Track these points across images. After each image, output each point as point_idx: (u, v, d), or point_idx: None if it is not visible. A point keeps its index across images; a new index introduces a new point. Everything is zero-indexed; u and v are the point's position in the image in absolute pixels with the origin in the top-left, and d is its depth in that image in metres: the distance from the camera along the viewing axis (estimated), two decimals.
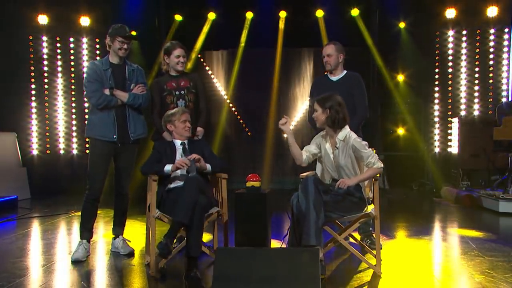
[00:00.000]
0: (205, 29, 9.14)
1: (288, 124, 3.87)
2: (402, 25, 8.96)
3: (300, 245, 3.47)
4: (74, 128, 9.02)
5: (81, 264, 4.03)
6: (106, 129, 4.19)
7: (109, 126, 4.19)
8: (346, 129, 3.75)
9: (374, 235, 4.30)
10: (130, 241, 4.52)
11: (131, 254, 4.36)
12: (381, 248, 3.98)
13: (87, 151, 8.65)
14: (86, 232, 4.25)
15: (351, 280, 3.62)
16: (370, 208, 3.76)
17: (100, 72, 4.20)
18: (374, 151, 4.16)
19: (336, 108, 3.73)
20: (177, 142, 4.02)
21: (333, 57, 4.50)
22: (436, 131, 8.99)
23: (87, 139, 4.38)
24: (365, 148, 3.69)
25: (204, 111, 4.50)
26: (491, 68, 8.65)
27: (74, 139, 9.03)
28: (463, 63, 8.78)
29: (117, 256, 4.30)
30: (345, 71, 4.61)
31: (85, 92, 4.27)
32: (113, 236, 4.47)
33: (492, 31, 8.59)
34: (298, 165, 3.96)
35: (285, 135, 4.00)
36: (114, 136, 4.21)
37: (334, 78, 4.59)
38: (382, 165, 3.67)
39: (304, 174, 3.71)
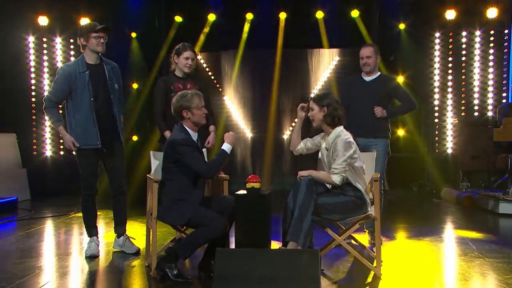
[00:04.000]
0: (205, 30, 9.14)
1: (304, 110, 3.90)
2: (402, 26, 8.96)
3: (283, 240, 3.51)
4: None
5: (81, 265, 4.03)
6: (89, 137, 4.14)
7: (92, 134, 4.14)
8: (337, 130, 3.73)
9: None
10: (135, 239, 4.52)
11: (137, 253, 4.35)
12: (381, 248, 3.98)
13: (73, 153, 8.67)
14: (93, 229, 4.31)
15: (351, 281, 3.63)
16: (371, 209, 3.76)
17: (74, 76, 4.10)
18: (375, 152, 4.18)
19: (334, 105, 3.72)
20: (194, 136, 3.72)
21: (373, 59, 4.59)
22: (436, 132, 8.99)
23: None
24: (343, 154, 3.59)
25: (212, 114, 4.54)
26: (491, 69, 8.65)
27: None
28: (463, 64, 8.78)
29: (117, 257, 4.30)
30: (379, 73, 4.70)
31: (47, 94, 4.21)
32: (116, 235, 4.46)
33: (492, 32, 8.59)
34: (291, 150, 4.03)
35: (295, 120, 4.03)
36: (98, 143, 4.17)
37: (368, 78, 4.66)
38: (338, 181, 3.59)
39: (302, 172, 3.71)
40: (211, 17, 9.12)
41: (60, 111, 4.28)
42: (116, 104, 4.26)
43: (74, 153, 4.25)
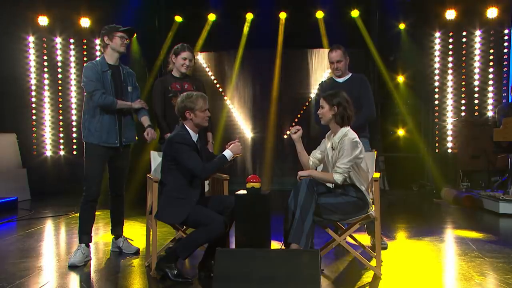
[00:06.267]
0: (205, 30, 9.15)
1: (298, 133, 3.87)
2: (402, 26, 8.97)
3: (285, 241, 3.51)
4: (74, 129, 9.02)
5: (81, 266, 4.02)
6: (109, 135, 4.16)
7: (112, 132, 4.17)
8: (344, 130, 3.72)
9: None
10: (132, 240, 4.52)
11: (137, 253, 4.37)
12: (381, 250, 3.98)
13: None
14: (85, 236, 4.17)
15: (351, 282, 3.62)
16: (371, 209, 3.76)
17: (100, 73, 4.15)
18: (375, 152, 4.18)
19: (344, 104, 3.70)
20: (194, 136, 3.75)
21: (343, 62, 4.57)
22: (436, 132, 8.99)
23: (84, 143, 4.27)
24: (349, 153, 3.58)
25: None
26: (491, 69, 8.65)
27: (74, 140, 9.04)
28: (463, 64, 8.78)
29: (117, 257, 4.30)
30: (350, 73, 4.68)
31: (85, 92, 4.18)
32: (113, 236, 4.47)
33: (492, 32, 8.60)
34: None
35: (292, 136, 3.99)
36: (116, 142, 4.20)
37: (340, 80, 4.65)
38: (340, 180, 3.57)
39: (302, 172, 3.71)
40: (211, 17, 9.12)
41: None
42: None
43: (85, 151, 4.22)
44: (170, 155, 3.67)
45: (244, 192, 3.53)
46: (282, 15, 9.13)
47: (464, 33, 8.73)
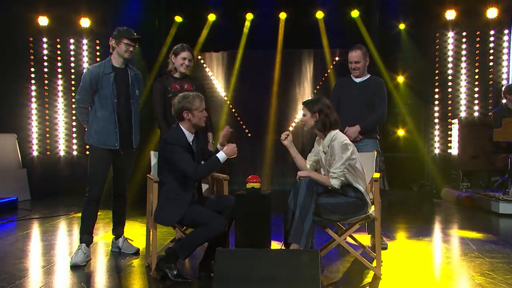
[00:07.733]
0: (205, 30, 9.14)
1: (289, 138, 3.87)
2: (402, 26, 8.96)
3: (285, 241, 3.51)
4: (74, 129, 9.02)
5: (81, 266, 4.02)
6: (108, 137, 4.16)
7: (111, 135, 4.16)
8: (332, 133, 3.70)
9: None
10: (132, 240, 4.53)
11: (137, 253, 4.38)
12: (381, 250, 3.98)
13: (87, 153, 8.71)
14: (86, 236, 4.18)
15: (351, 282, 3.63)
16: (371, 209, 3.76)
17: (100, 78, 4.14)
18: (375, 153, 4.18)
19: (326, 111, 3.69)
20: (189, 137, 3.74)
21: (361, 63, 4.56)
22: (436, 132, 8.98)
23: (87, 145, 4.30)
24: (341, 157, 3.57)
25: (209, 118, 4.54)
26: (491, 70, 8.64)
27: (74, 140, 9.03)
28: (463, 64, 8.77)
29: (117, 257, 4.30)
30: (368, 75, 4.67)
31: (76, 96, 4.24)
32: (114, 236, 4.47)
33: (492, 32, 8.59)
34: None
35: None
36: (116, 144, 4.20)
37: (357, 80, 4.64)
38: (337, 185, 3.57)
39: (302, 172, 3.72)
40: (211, 17, 9.11)
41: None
42: (134, 109, 4.31)
43: (87, 152, 4.25)
44: (163, 156, 3.68)
45: (244, 192, 3.53)
46: (282, 15, 9.13)
47: (464, 33, 8.72)
